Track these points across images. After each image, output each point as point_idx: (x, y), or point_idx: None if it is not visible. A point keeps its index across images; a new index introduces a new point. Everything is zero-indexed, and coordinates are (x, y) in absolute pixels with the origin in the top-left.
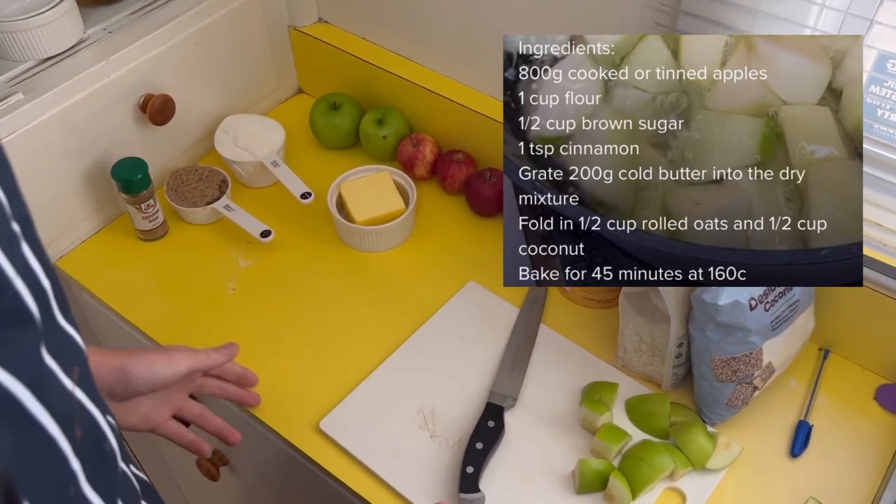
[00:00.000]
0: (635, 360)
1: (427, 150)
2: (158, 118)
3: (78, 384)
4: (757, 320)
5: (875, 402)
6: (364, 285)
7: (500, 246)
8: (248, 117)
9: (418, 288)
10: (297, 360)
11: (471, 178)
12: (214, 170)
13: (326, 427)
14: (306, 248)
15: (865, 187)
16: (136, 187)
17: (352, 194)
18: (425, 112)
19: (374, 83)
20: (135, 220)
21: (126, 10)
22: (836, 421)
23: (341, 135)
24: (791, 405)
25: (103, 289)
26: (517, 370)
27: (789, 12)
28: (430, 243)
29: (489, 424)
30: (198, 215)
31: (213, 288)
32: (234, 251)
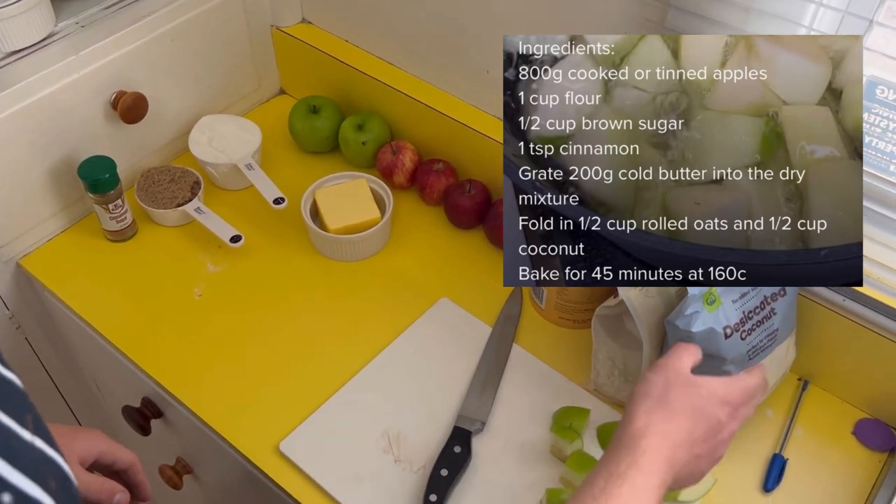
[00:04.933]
0: (608, 385)
1: (407, 158)
2: (130, 116)
3: (35, 433)
4: (732, 349)
5: (853, 437)
6: (335, 297)
7: (476, 261)
8: (225, 118)
9: (390, 302)
10: (261, 373)
11: (450, 189)
12: (188, 171)
13: (286, 449)
14: (278, 255)
15: None
16: (104, 187)
17: (326, 201)
18: (407, 119)
19: (356, 87)
20: (102, 221)
21: (100, 5)
22: (812, 455)
23: (320, 139)
24: (767, 437)
25: (66, 290)
26: (487, 392)
27: (784, 10)
28: (405, 255)
29: (455, 450)
30: (168, 217)
31: (180, 293)
32: (204, 255)
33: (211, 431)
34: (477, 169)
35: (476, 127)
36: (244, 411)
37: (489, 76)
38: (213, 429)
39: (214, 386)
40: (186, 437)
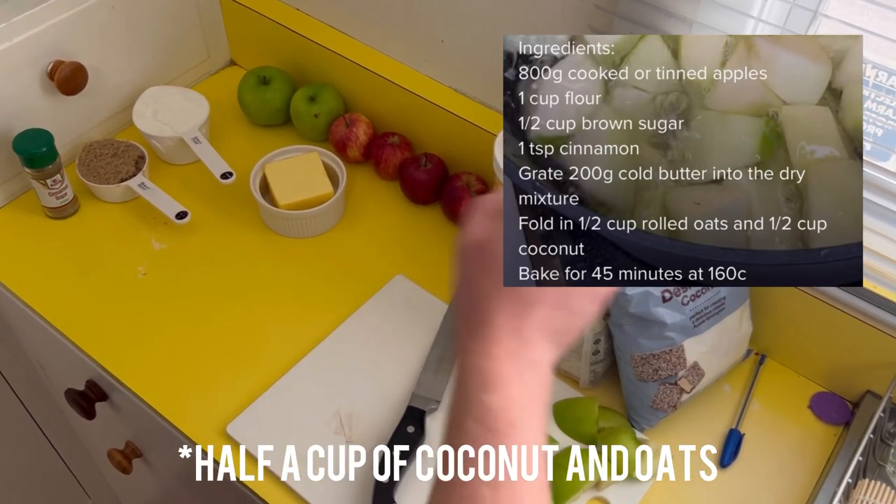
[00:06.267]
0: None
1: (361, 131)
2: (68, 87)
3: None
4: (672, 314)
5: (809, 411)
6: (286, 274)
7: (432, 236)
8: (171, 89)
9: (343, 279)
10: (208, 354)
11: (406, 163)
12: (132, 145)
13: (234, 431)
14: (226, 232)
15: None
16: (41, 161)
17: (277, 176)
18: (361, 91)
19: (308, 58)
20: (41, 197)
21: None
22: (768, 429)
23: (271, 111)
24: (724, 412)
25: (4, 269)
26: (442, 371)
27: (733, 1)
28: (359, 231)
29: (409, 430)
30: (111, 193)
31: (123, 272)
32: (148, 233)
33: (156, 414)
34: (433, 142)
35: (432, 99)
36: (190, 393)
37: (444, 45)
38: (158, 412)
39: (160, 367)
40: (133, 421)
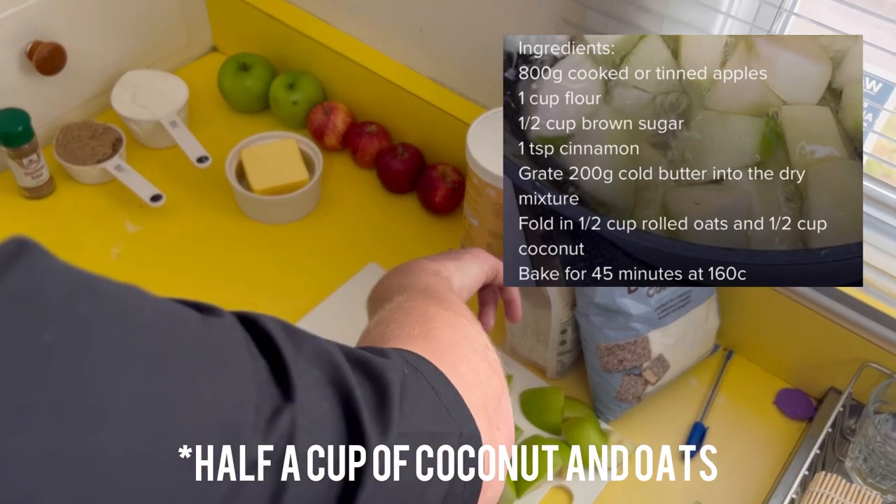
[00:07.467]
0: (522, 346)
1: (339, 119)
2: (46, 68)
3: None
4: (637, 305)
5: (774, 406)
6: (259, 261)
7: (407, 226)
8: (151, 73)
9: (316, 267)
10: None
11: (383, 152)
12: (109, 127)
13: None
14: (201, 216)
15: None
16: (17, 140)
17: (253, 161)
18: (340, 79)
19: (289, 45)
20: (17, 177)
21: None
22: (733, 423)
23: (250, 98)
24: (689, 405)
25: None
26: None
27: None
28: (334, 219)
29: None
30: (87, 174)
31: (96, 253)
32: (123, 215)
33: None
34: (410, 132)
35: (410, 89)
36: None
37: (423, 35)
38: None
39: None
40: None
